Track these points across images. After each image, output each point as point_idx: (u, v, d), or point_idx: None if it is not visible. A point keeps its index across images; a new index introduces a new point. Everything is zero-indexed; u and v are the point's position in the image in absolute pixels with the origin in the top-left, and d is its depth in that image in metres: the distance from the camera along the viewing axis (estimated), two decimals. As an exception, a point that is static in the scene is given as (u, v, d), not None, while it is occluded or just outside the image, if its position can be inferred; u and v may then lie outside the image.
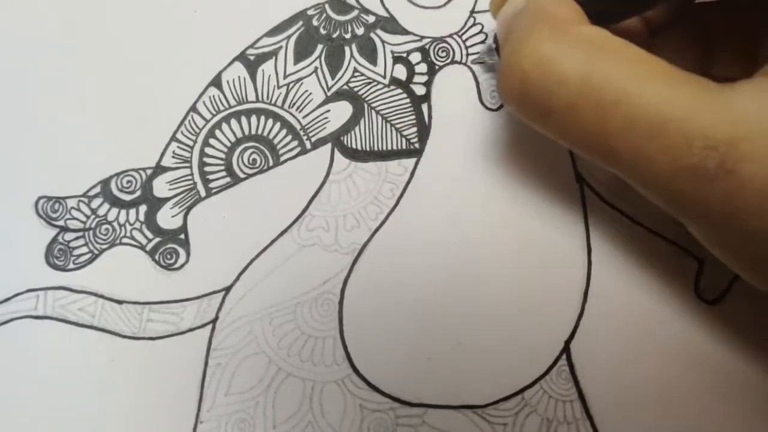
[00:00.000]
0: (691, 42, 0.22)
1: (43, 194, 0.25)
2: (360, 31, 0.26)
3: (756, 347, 0.24)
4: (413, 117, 0.25)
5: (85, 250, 0.25)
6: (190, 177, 0.25)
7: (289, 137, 0.25)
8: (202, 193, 0.25)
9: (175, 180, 0.25)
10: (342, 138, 0.25)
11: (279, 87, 0.25)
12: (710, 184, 0.15)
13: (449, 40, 0.26)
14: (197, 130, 0.25)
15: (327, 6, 0.26)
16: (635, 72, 0.16)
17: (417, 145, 0.25)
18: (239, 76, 0.25)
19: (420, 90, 0.25)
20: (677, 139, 0.15)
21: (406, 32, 0.26)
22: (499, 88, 0.18)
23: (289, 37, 0.26)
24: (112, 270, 0.25)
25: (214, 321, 0.25)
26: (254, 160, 0.25)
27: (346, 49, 0.26)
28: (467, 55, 0.25)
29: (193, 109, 0.25)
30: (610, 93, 0.16)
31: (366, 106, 0.25)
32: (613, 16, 0.19)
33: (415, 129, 0.25)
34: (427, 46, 0.26)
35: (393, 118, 0.25)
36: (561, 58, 0.16)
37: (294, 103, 0.25)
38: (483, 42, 0.26)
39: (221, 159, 0.25)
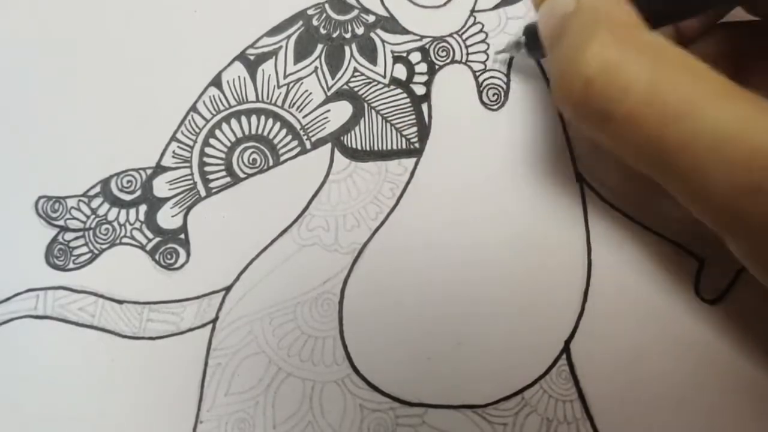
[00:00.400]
0: (721, 61, 0.21)
1: (43, 194, 0.25)
2: (360, 30, 0.26)
3: (756, 347, 0.24)
4: (413, 117, 0.25)
5: (85, 249, 0.25)
6: (190, 177, 0.25)
7: (289, 137, 0.25)
8: (202, 193, 0.25)
9: (175, 180, 0.25)
10: (342, 138, 0.25)
11: (279, 87, 0.25)
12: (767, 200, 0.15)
13: (449, 39, 0.26)
14: (197, 130, 0.25)
15: (327, 6, 0.26)
16: (700, 85, 0.16)
17: (417, 145, 0.25)
18: (239, 76, 0.25)
19: (420, 90, 0.25)
20: (738, 155, 0.15)
21: (406, 32, 0.26)
22: (556, 92, 0.18)
23: (289, 36, 0.26)
24: (112, 270, 0.25)
25: (214, 321, 0.25)
26: (254, 160, 0.25)
27: (346, 48, 0.25)
28: (467, 54, 0.25)
29: (193, 108, 0.25)
30: (674, 105, 0.15)
31: (366, 105, 0.25)
32: (668, 17, 0.19)
33: (415, 129, 0.25)
34: (427, 46, 0.26)
35: (393, 117, 0.25)
36: (627, 66, 0.16)
37: (294, 103, 0.25)
38: (483, 40, 0.26)
39: (221, 159, 0.25)
